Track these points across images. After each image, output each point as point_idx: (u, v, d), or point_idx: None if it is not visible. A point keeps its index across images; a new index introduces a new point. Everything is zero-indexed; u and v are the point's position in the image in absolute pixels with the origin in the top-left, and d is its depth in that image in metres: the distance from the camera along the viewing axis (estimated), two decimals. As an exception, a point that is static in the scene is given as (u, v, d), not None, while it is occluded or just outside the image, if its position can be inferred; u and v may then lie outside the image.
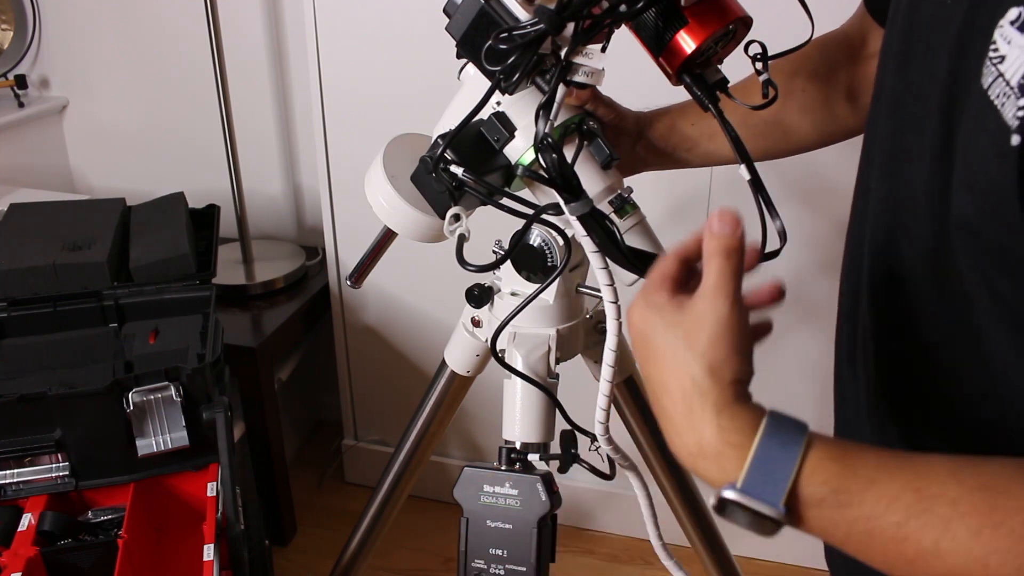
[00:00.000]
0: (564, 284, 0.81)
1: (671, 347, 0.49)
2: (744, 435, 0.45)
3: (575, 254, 0.79)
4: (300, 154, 1.89)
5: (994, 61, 0.43)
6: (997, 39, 0.43)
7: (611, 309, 0.64)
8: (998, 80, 0.43)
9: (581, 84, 0.60)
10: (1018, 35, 0.42)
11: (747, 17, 0.66)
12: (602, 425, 0.70)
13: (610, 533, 1.80)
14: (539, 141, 0.59)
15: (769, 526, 0.44)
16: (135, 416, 1.06)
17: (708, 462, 0.47)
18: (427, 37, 1.42)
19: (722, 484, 0.45)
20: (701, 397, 0.47)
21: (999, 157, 0.43)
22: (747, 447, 0.45)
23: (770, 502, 0.43)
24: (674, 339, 0.49)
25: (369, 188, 0.78)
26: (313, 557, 1.73)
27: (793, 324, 1.49)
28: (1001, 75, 0.43)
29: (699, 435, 0.47)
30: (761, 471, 0.44)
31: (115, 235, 1.39)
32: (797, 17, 0.69)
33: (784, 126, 0.83)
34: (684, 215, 1.47)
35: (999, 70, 0.43)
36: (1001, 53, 0.43)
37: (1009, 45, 0.43)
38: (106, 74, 1.95)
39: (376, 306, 1.75)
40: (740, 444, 0.45)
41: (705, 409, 0.47)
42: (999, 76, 0.43)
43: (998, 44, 0.43)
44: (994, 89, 0.43)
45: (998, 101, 0.43)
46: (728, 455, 0.45)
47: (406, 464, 1.04)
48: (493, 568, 0.73)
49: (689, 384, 0.47)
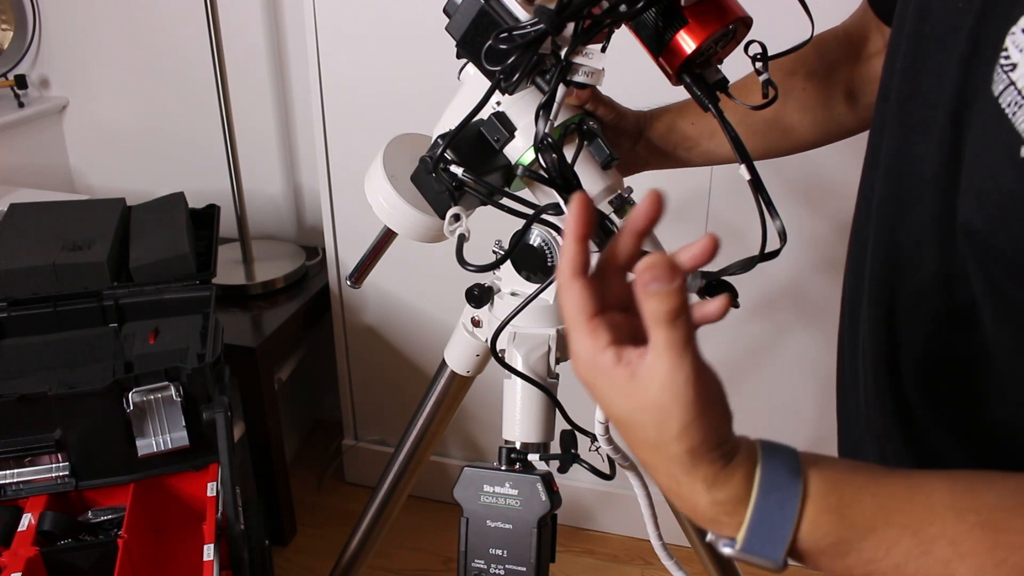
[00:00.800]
0: (564, 284, 0.81)
1: (640, 427, 0.44)
2: (738, 503, 0.43)
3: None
4: (300, 154, 1.89)
5: (1005, 68, 0.43)
6: (1009, 46, 0.43)
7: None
8: (1009, 88, 0.42)
9: (581, 84, 0.60)
10: None
11: (747, 17, 0.66)
12: (602, 425, 0.70)
13: (610, 533, 1.80)
14: (539, 141, 0.59)
15: (770, 570, 0.44)
16: (135, 416, 1.06)
17: (706, 523, 0.45)
18: (427, 37, 1.42)
19: (720, 538, 0.45)
20: (688, 476, 0.44)
21: (1011, 166, 0.42)
22: (742, 513, 0.43)
23: (770, 558, 0.43)
24: (641, 419, 0.44)
25: (369, 188, 0.77)
26: (313, 557, 1.73)
27: (793, 324, 1.49)
28: (1013, 83, 0.42)
29: (692, 505, 0.45)
30: (759, 534, 0.43)
31: (115, 235, 1.39)
32: (797, 17, 0.69)
33: (783, 125, 0.83)
34: (684, 215, 1.47)
35: (1010, 78, 0.43)
36: (1013, 61, 0.43)
37: (1021, 53, 0.42)
38: (106, 74, 1.95)
39: (376, 306, 1.75)
40: (735, 511, 0.44)
41: (694, 487, 0.44)
42: (1011, 84, 0.42)
43: (1009, 51, 0.43)
44: (1005, 97, 0.43)
45: (1009, 109, 0.42)
46: (725, 522, 0.44)
47: (406, 464, 1.04)
48: (493, 568, 0.73)
49: (674, 467, 0.44)
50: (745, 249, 0.67)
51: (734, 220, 1.46)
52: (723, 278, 0.67)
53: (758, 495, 0.43)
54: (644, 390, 0.43)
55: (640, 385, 0.43)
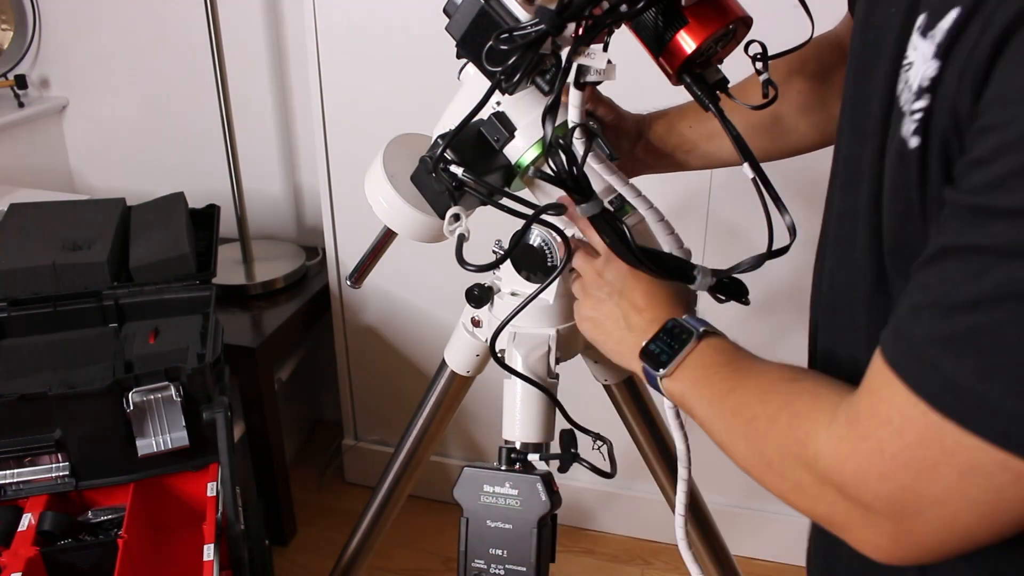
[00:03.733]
0: (564, 284, 0.81)
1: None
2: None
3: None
4: (300, 154, 1.89)
5: (904, 69, 0.44)
6: (909, 48, 0.44)
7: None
8: (905, 88, 0.44)
9: (595, 82, 0.60)
10: (921, 41, 0.43)
11: (747, 17, 0.66)
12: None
13: (610, 533, 1.80)
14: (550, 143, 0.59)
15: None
16: (135, 416, 1.06)
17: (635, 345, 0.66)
18: (427, 37, 1.42)
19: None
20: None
21: (900, 162, 0.44)
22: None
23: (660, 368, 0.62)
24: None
25: (369, 188, 0.78)
26: (313, 557, 1.73)
27: (792, 324, 1.49)
28: (907, 83, 0.43)
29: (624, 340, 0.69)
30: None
31: (115, 235, 1.39)
32: (797, 17, 0.69)
33: (782, 126, 0.83)
34: (684, 215, 1.47)
35: (907, 77, 0.44)
36: (909, 60, 0.44)
37: (915, 51, 0.43)
38: (106, 74, 1.95)
39: (376, 306, 1.75)
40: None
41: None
42: (906, 84, 0.44)
43: (908, 52, 0.44)
44: (903, 96, 0.44)
45: (906, 107, 0.44)
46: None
47: (406, 464, 1.04)
48: (493, 568, 0.73)
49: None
50: (745, 248, 0.67)
51: (734, 220, 1.46)
52: (734, 275, 0.67)
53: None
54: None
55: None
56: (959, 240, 0.40)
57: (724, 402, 0.58)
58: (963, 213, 0.40)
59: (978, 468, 0.40)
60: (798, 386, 0.54)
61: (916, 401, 0.41)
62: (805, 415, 0.50)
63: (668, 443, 1.00)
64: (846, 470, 0.46)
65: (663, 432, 0.99)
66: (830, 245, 0.60)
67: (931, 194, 0.43)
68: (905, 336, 0.43)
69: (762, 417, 0.54)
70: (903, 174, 0.45)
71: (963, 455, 0.40)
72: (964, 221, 0.40)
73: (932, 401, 0.41)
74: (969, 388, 0.39)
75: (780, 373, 0.57)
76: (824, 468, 0.47)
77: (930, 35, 0.42)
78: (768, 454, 0.53)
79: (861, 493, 0.45)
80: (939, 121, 0.41)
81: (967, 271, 0.39)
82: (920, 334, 0.41)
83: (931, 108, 0.42)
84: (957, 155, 0.41)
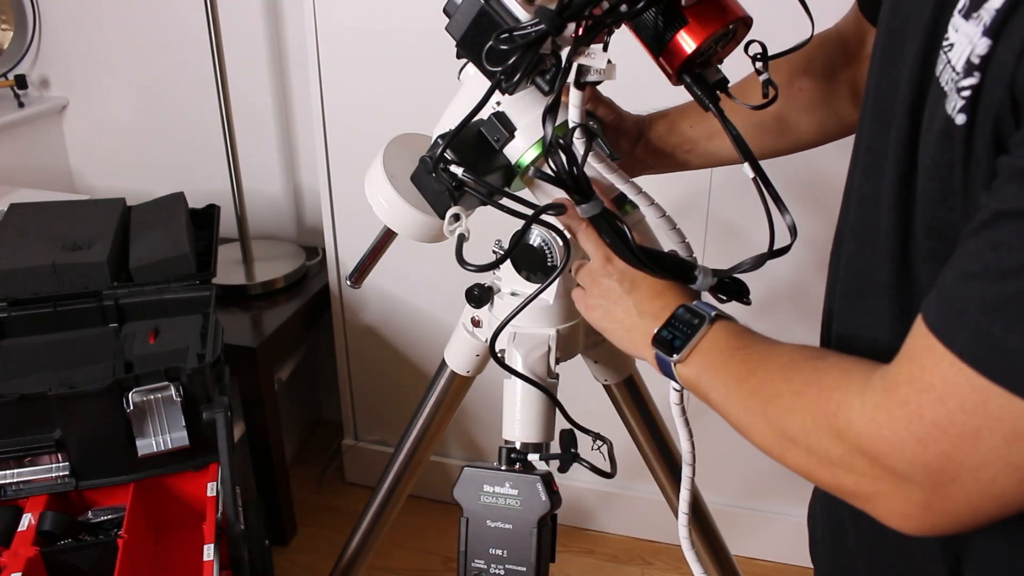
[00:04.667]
0: (564, 284, 0.81)
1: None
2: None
3: (575, 253, 0.79)
4: (300, 154, 1.89)
5: (945, 50, 0.45)
6: (949, 28, 0.45)
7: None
8: (947, 67, 0.44)
9: (596, 81, 0.60)
10: (963, 22, 0.43)
11: (747, 17, 0.66)
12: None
13: (610, 533, 1.80)
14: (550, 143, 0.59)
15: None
16: (135, 416, 1.06)
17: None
18: (427, 37, 1.42)
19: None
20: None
21: (942, 138, 0.44)
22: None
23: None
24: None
25: (369, 188, 0.78)
26: (313, 557, 1.73)
27: (793, 324, 1.49)
28: (949, 62, 0.44)
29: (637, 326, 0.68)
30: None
31: (115, 235, 1.39)
32: (797, 17, 0.69)
33: (785, 124, 0.83)
34: (684, 215, 1.47)
35: (948, 57, 0.44)
36: (951, 41, 0.44)
37: (957, 33, 0.44)
38: (106, 74, 1.95)
39: (376, 306, 1.75)
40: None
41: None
42: (948, 63, 0.44)
43: (948, 33, 0.45)
44: (944, 76, 0.45)
45: (947, 87, 0.44)
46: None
47: (406, 464, 1.04)
48: (493, 568, 0.73)
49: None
50: (745, 248, 0.67)
51: (734, 219, 1.46)
52: (735, 275, 0.67)
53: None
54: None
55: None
56: (1016, 205, 0.40)
57: (743, 384, 0.58)
58: (1020, 178, 0.40)
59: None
60: (823, 362, 0.53)
61: (961, 367, 0.41)
62: (835, 387, 0.50)
63: (668, 443, 1.00)
64: (881, 436, 0.45)
65: (663, 432, 0.99)
66: (849, 231, 0.60)
67: (974, 171, 0.44)
68: (952, 302, 0.43)
69: (786, 394, 0.53)
70: (946, 151, 0.45)
71: (1010, 420, 0.40)
72: (1021, 186, 0.40)
73: (979, 366, 0.41)
74: (1020, 352, 0.39)
75: (802, 352, 0.56)
76: (856, 436, 0.47)
77: (975, 16, 0.42)
78: (792, 429, 0.52)
79: (895, 461, 0.45)
80: (991, 97, 0.42)
81: (1021, 235, 0.39)
82: (969, 299, 0.41)
83: (980, 85, 0.42)
84: (1012, 129, 0.41)
